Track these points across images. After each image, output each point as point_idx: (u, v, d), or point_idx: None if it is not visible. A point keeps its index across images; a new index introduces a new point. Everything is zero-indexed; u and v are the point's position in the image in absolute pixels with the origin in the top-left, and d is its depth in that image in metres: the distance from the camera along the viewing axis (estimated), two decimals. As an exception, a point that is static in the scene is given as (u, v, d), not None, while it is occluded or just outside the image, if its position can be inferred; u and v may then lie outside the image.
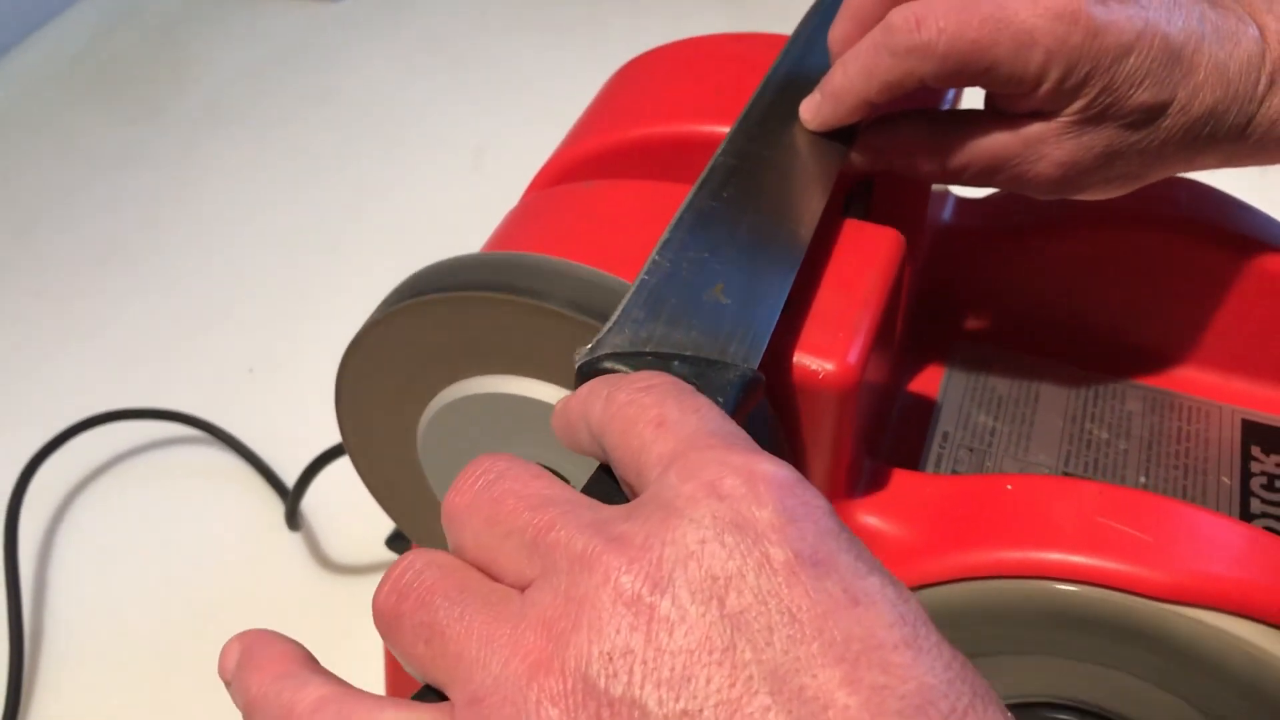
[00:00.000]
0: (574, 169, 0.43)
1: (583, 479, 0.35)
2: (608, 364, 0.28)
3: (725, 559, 0.20)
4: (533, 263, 0.34)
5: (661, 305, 0.30)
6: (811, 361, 0.34)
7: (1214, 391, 0.45)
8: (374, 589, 0.64)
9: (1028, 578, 0.34)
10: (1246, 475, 0.42)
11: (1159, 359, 0.46)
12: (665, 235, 0.33)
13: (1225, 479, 0.43)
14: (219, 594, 0.60)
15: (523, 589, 0.22)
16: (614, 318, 0.30)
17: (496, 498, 0.23)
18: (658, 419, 0.24)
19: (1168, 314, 0.46)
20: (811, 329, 0.35)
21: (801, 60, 0.41)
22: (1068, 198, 0.38)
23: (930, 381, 0.46)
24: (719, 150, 0.36)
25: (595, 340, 0.29)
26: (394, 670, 0.47)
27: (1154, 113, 0.35)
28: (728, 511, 0.21)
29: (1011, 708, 0.39)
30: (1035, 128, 0.36)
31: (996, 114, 0.37)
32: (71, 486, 0.65)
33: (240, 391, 0.70)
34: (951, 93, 0.48)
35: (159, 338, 0.74)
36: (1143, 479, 0.42)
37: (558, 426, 0.27)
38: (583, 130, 0.45)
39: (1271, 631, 0.33)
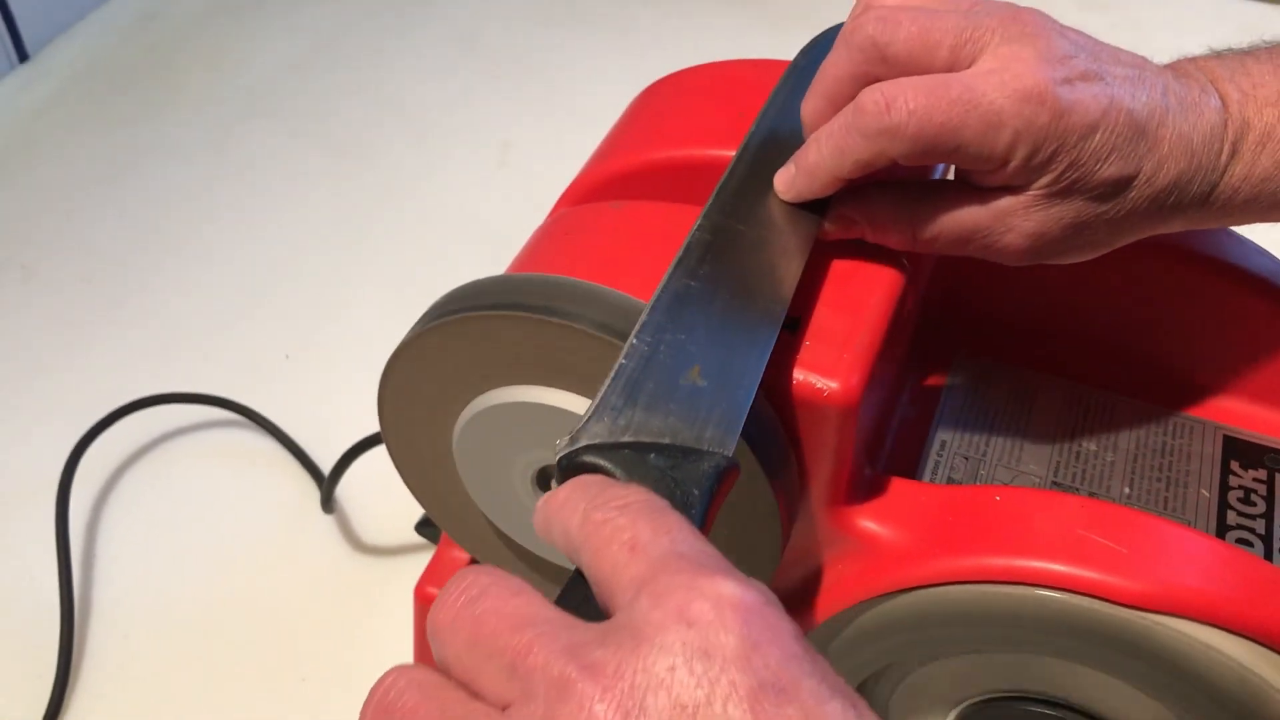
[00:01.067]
0: (600, 188, 0.46)
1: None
2: (587, 457, 0.29)
3: (693, 687, 0.21)
4: (564, 285, 0.37)
5: (639, 391, 0.31)
6: (816, 380, 0.37)
7: (1198, 408, 0.48)
8: (403, 570, 0.68)
9: (1012, 583, 0.37)
10: (1225, 489, 0.45)
11: (1149, 376, 0.48)
12: (643, 317, 0.33)
13: (1205, 492, 0.45)
14: (256, 572, 0.63)
15: (503, 708, 0.23)
16: (593, 405, 0.30)
17: (478, 617, 0.24)
18: (631, 542, 0.25)
19: (1160, 333, 0.48)
20: (816, 346, 0.37)
21: (776, 127, 0.41)
22: (1035, 264, 0.38)
23: (931, 392, 0.49)
24: (695, 225, 0.37)
25: (575, 430, 0.30)
26: (422, 650, 0.50)
27: (1120, 186, 0.36)
28: (696, 638, 0.22)
29: (997, 700, 0.41)
30: (1004, 201, 0.36)
31: (966, 187, 0.37)
32: (117, 467, 0.68)
33: (277, 378, 0.73)
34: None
35: (199, 325, 0.76)
36: (1127, 490, 0.45)
37: (538, 524, 0.28)
38: (610, 149, 0.47)
39: (1235, 639, 0.35)
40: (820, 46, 0.45)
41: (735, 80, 0.48)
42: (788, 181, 0.39)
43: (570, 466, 0.29)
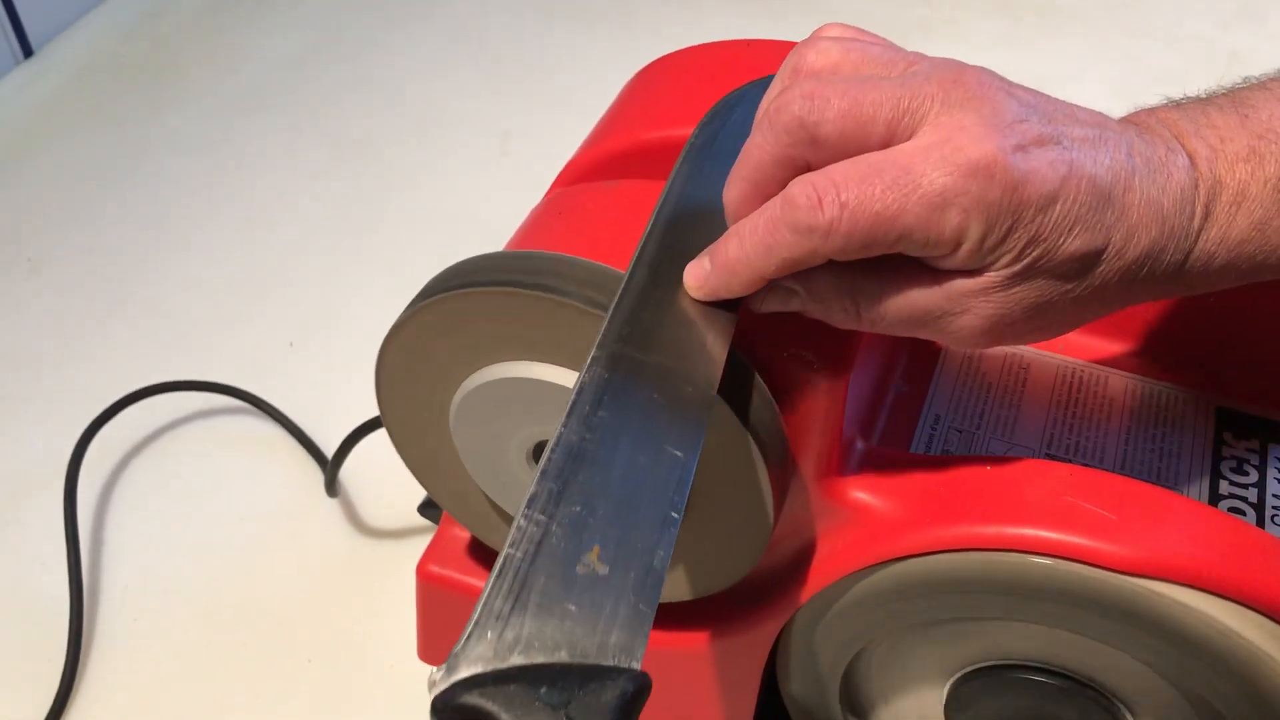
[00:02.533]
0: (596, 168, 0.46)
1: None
2: (465, 699, 0.24)
3: None
4: (558, 260, 0.37)
5: (529, 590, 0.26)
6: (805, 352, 0.37)
7: (1192, 381, 0.48)
8: (406, 552, 0.69)
9: (1003, 550, 0.37)
10: (1218, 459, 0.45)
11: (1142, 350, 0.49)
12: (532, 488, 0.28)
13: (1197, 462, 0.45)
14: (262, 555, 0.63)
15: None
16: (475, 614, 0.26)
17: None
18: None
19: (1153, 308, 0.49)
20: (806, 319, 0.38)
21: (679, 214, 0.37)
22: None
23: (925, 368, 0.49)
24: (590, 356, 0.32)
25: (453, 652, 0.25)
26: (426, 629, 0.51)
27: (1088, 261, 0.32)
28: None
29: (993, 669, 0.42)
30: (960, 283, 0.33)
31: (919, 264, 0.33)
32: (124, 454, 0.68)
33: (281, 365, 0.73)
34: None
35: (204, 315, 0.77)
36: (1120, 462, 0.45)
37: None
38: (604, 131, 0.48)
39: (1226, 604, 0.36)
40: (725, 115, 0.41)
41: (729, 61, 0.48)
42: (700, 278, 0.34)
43: (447, 710, 0.25)
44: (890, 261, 0.33)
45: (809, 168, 0.32)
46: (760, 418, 0.36)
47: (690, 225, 0.36)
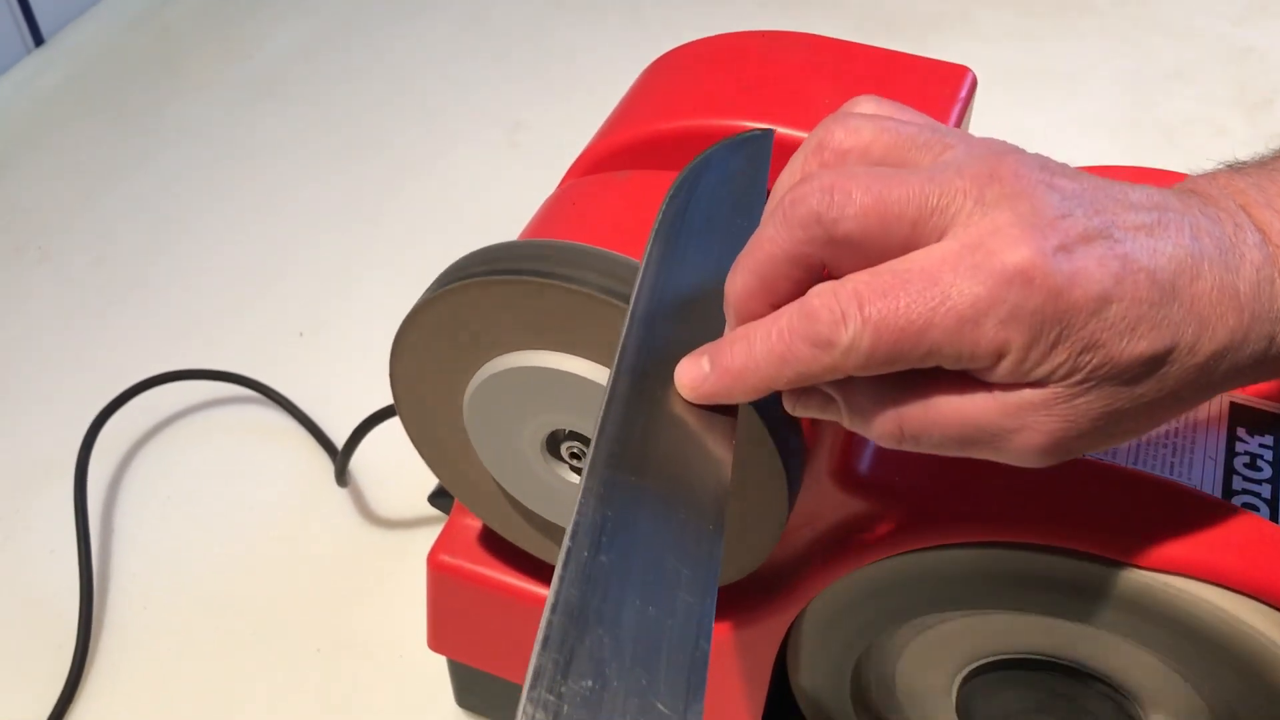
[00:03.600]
0: (608, 159, 0.46)
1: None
2: None
3: None
4: (571, 249, 0.37)
5: None
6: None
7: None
8: (416, 541, 0.69)
9: (1016, 544, 0.38)
10: (1231, 454, 0.45)
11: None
12: (533, 661, 0.25)
13: (1211, 458, 0.45)
14: (272, 544, 0.64)
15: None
16: None
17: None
18: None
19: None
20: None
21: (660, 296, 0.33)
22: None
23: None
24: (581, 489, 0.28)
25: None
26: (436, 619, 0.51)
27: (1155, 363, 0.29)
28: None
29: (1005, 663, 0.42)
30: (1016, 397, 0.29)
31: (968, 378, 0.30)
32: (134, 443, 0.69)
33: (290, 354, 0.73)
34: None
35: (214, 304, 0.77)
36: (1133, 457, 0.45)
37: None
38: (616, 122, 0.48)
39: (1239, 598, 0.36)
40: (691, 185, 0.37)
41: (742, 51, 0.48)
42: (697, 379, 0.31)
43: None
44: (936, 373, 0.30)
45: (823, 266, 0.30)
46: (773, 407, 0.36)
47: (672, 317, 0.33)
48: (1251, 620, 0.35)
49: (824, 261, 0.30)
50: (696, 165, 0.37)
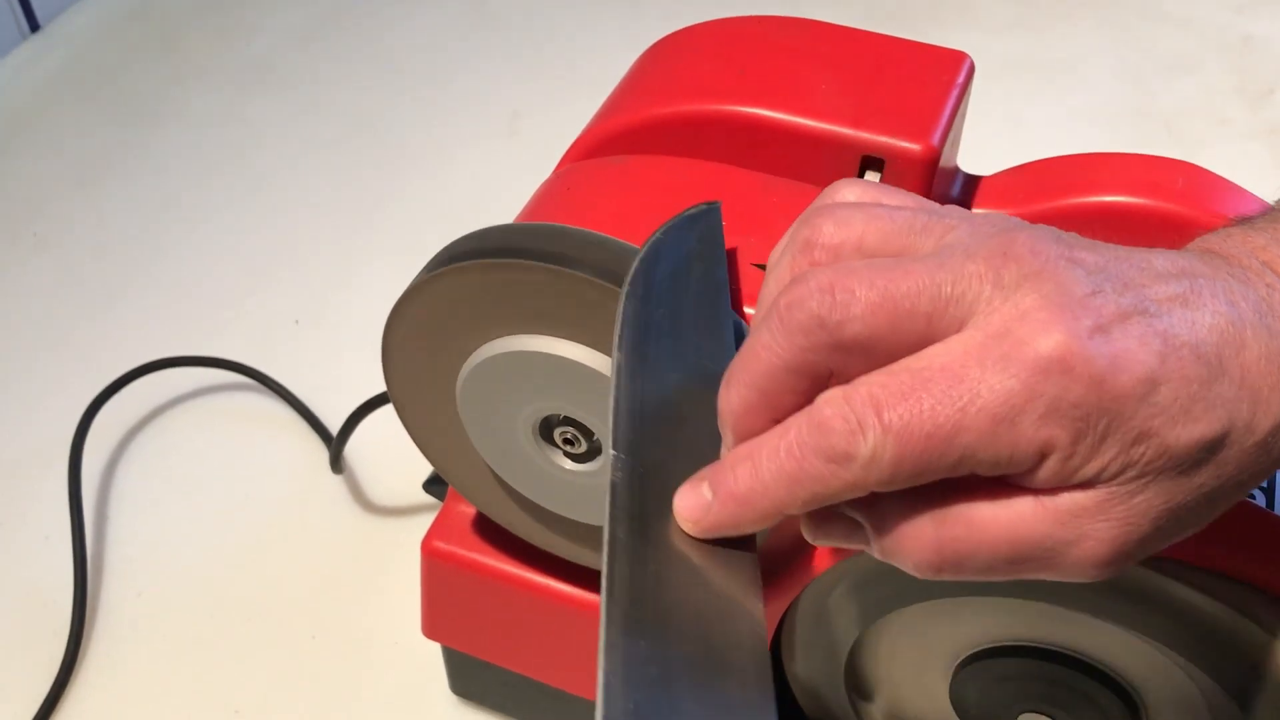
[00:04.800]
0: (604, 144, 0.46)
1: (607, 437, 0.39)
2: None
3: None
4: (564, 232, 0.37)
5: None
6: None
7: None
8: (411, 528, 0.69)
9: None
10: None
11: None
12: None
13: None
14: (267, 531, 0.64)
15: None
16: None
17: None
18: None
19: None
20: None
21: (639, 417, 0.30)
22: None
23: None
24: (601, 666, 0.25)
25: None
26: (431, 605, 0.51)
27: (1213, 447, 0.26)
28: None
29: (999, 651, 0.42)
30: (1068, 501, 0.26)
31: (1008, 487, 0.27)
32: (130, 430, 0.68)
33: (286, 342, 0.73)
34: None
35: (210, 291, 0.77)
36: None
37: None
38: (613, 107, 0.47)
39: (1236, 585, 0.36)
40: (648, 280, 0.33)
41: (738, 37, 0.48)
42: (699, 510, 0.28)
43: None
44: (973, 485, 0.27)
45: (829, 373, 0.27)
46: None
47: (658, 440, 0.30)
48: (1249, 609, 0.35)
49: (830, 368, 0.27)
50: (648, 256, 0.33)
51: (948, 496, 0.27)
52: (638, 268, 0.32)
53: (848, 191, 0.31)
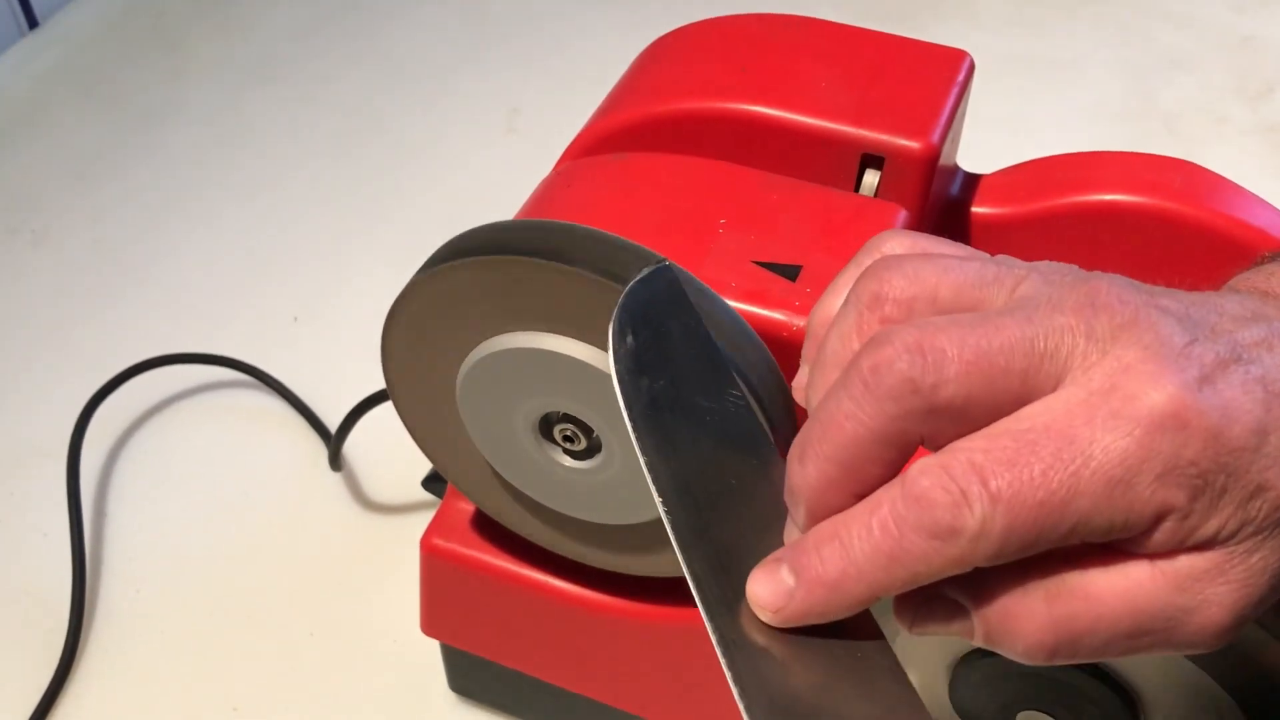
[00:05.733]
0: (605, 141, 0.46)
1: (610, 436, 0.39)
2: None
3: None
4: (565, 229, 0.37)
5: None
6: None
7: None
8: (410, 526, 0.69)
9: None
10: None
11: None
12: None
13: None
14: (265, 528, 0.63)
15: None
16: None
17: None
18: None
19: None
20: (817, 293, 0.38)
21: (687, 501, 0.28)
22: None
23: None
24: None
25: None
26: (430, 603, 0.51)
27: None
28: None
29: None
30: (1186, 564, 0.25)
31: (1119, 554, 0.25)
32: (128, 426, 0.68)
33: (285, 339, 0.73)
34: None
35: (208, 288, 0.77)
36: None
37: None
38: (613, 104, 0.47)
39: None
40: (634, 355, 0.30)
41: (739, 34, 0.48)
42: (781, 598, 0.26)
43: None
44: (1083, 556, 0.25)
45: (920, 442, 0.25)
46: (768, 390, 0.36)
47: (715, 519, 0.27)
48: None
49: (920, 436, 0.25)
50: (619, 328, 0.30)
51: (1059, 569, 0.25)
52: (616, 340, 0.29)
53: (895, 243, 0.29)
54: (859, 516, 0.25)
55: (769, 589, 0.26)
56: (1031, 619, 0.25)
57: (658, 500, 0.27)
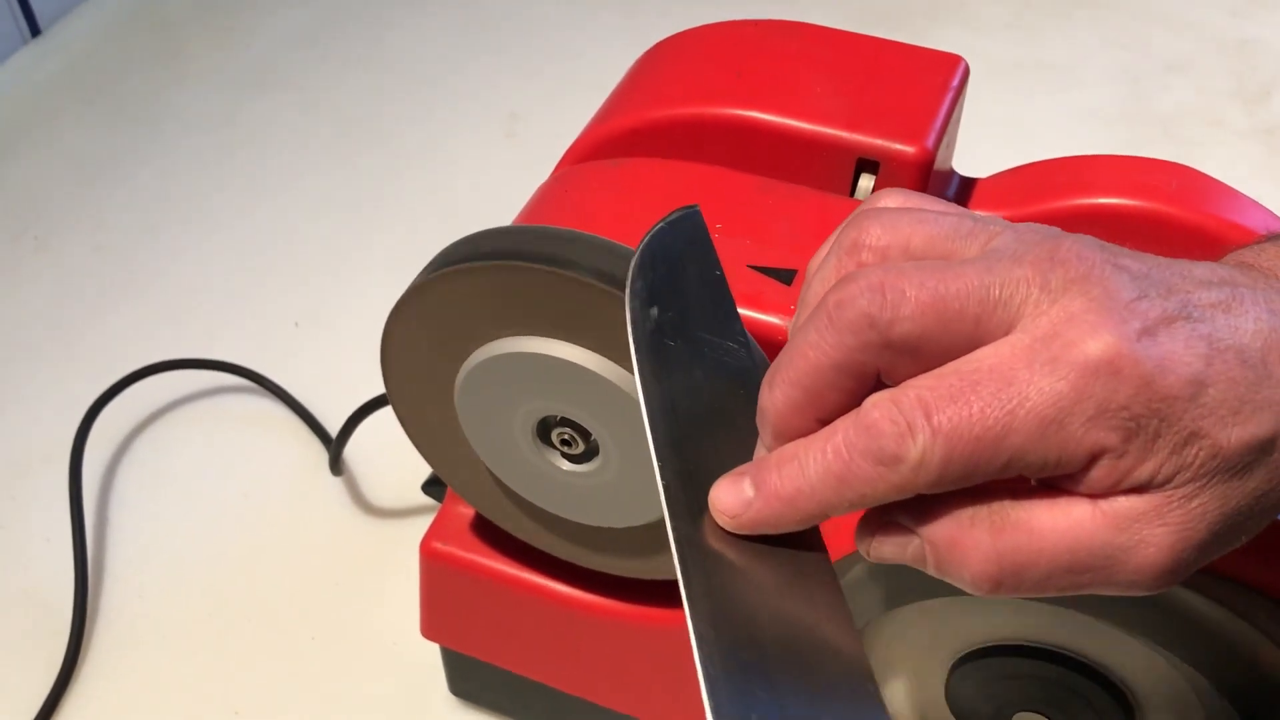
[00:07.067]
0: (602, 147, 0.46)
1: (608, 439, 0.39)
2: None
3: None
4: (563, 235, 0.37)
5: None
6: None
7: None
8: (410, 530, 0.69)
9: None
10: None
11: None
12: None
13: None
14: (266, 533, 0.64)
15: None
16: None
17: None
18: None
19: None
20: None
21: (677, 417, 0.30)
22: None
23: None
24: (703, 680, 0.26)
25: None
26: (430, 606, 0.51)
27: (1264, 448, 0.26)
28: None
29: (994, 651, 0.42)
30: (1125, 505, 0.26)
31: (1063, 493, 0.27)
32: (130, 431, 0.69)
33: (286, 344, 0.73)
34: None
35: (210, 293, 0.77)
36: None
37: None
38: (611, 110, 0.48)
39: (1230, 585, 0.36)
40: (650, 286, 0.32)
41: (735, 40, 0.48)
42: (739, 506, 0.28)
43: None
44: (1029, 494, 0.27)
45: (876, 373, 0.27)
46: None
47: (695, 439, 0.30)
48: (1242, 610, 0.35)
49: (877, 368, 0.27)
50: (642, 261, 0.33)
51: (1005, 506, 0.27)
52: (635, 273, 0.32)
53: (890, 198, 0.31)
54: (817, 441, 0.27)
55: (731, 497, 0.28)
56: (977, 549, 0.27)
57: (644, 414, 0.29)
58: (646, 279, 0.32)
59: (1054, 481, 0.27)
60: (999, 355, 0.26)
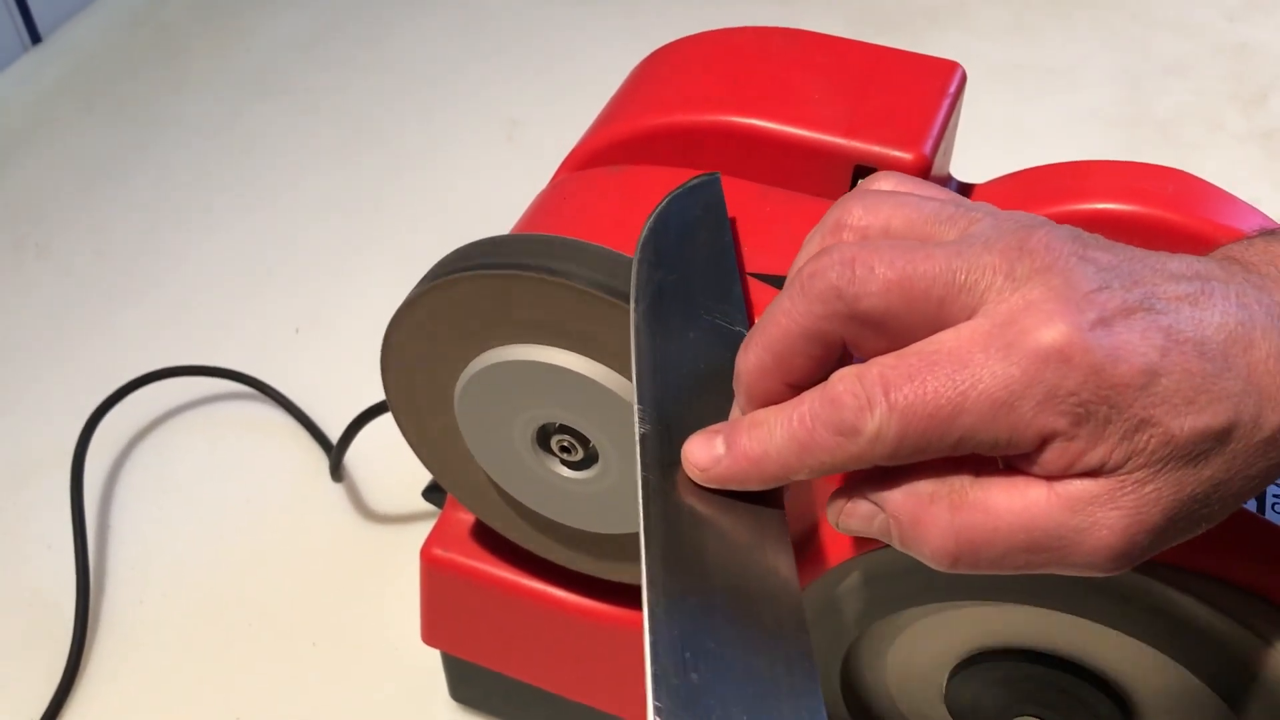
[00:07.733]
0: (602, 154, 0.46)
1: (607, 446, 0.39)
2: None
3: None
4: (562, 244, 0.37)
5: None
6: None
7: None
8: (411, 536, 0.69)
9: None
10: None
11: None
12: None
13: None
14: (267, 538, 0.64)
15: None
16: None
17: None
18: None
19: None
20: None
21: (665, 377, 0.32)
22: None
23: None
24: (646, 600, 0.28)
25: None
26: (430, 612, 0.51)
27: (1217, 438, 0.26)
28: None
29: (994, 655, 0.42)
30: (1079, 487, 0.27)
31: (1019, 473, 0.28)
32: (131, 438, 0.69)
33: (287, 351, 0.74)
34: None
35: (210, 300, 0.77)
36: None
37: None
38: (610, 117, 0.48)
39: (1227, 589, 0.36)
40: (658, 245, 0.35)
41: (734, 47, 0.48)
42: (709, 461, 0.30)
43: None
44: (989, 474, 0.28)
45: (843, 343, 0.29)
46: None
47: (679, 396, 0.31)
48: (1240, 613, 0.35)
49: (844, 339, 0.29)
50: (656, 225, 0.35)
51: (964, 484, 0.28)
52: (647, 235, 0.34)
53: (884, 181, 0.32)
54: (785, 409, 0.29)
55: (703, 452, 0.30)
56: (936, 525, 0.28)
57: (633, 372, 0.31)
58: (657, 241, 0.34)
59: (1012, 462, 0.28)
60: (959, 338, 0.27)
